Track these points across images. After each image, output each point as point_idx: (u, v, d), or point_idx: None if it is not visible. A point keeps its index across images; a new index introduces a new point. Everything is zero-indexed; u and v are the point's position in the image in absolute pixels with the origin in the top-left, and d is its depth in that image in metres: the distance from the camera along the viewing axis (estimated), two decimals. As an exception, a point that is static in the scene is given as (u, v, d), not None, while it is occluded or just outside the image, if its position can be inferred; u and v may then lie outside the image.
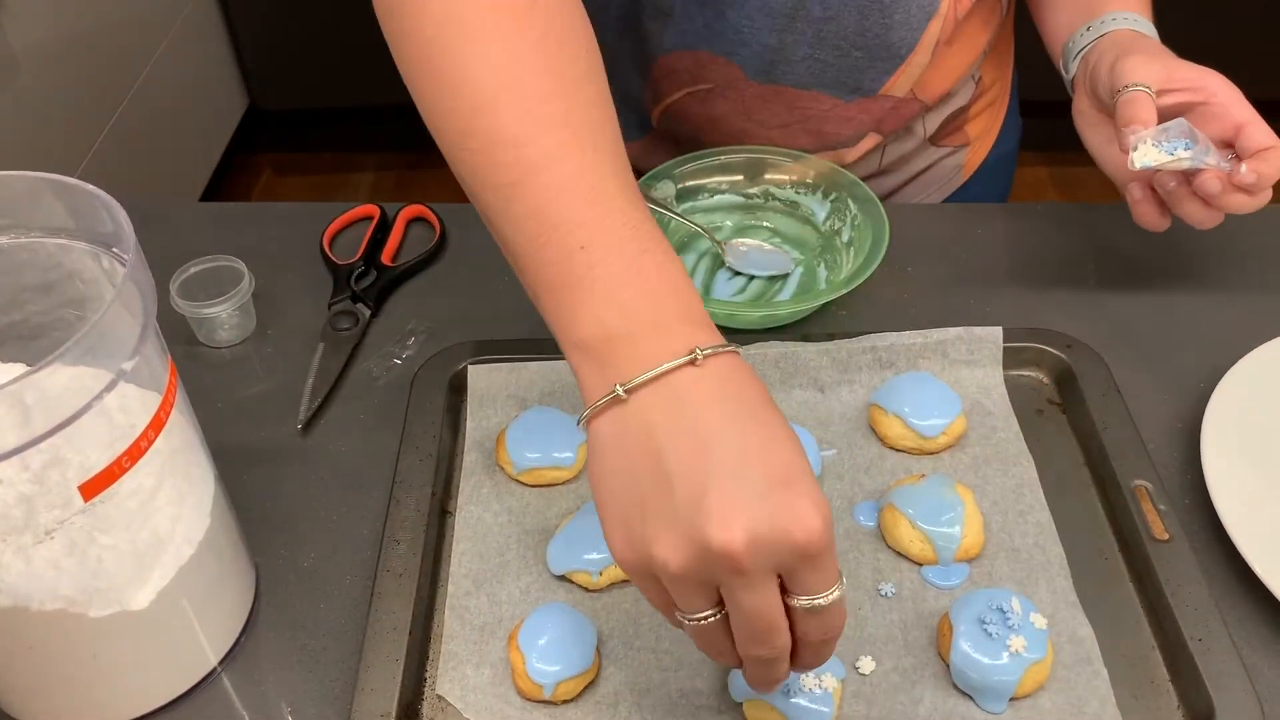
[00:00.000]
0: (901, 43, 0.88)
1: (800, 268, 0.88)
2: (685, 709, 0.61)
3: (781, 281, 0.87)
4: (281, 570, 0.69)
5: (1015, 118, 1.07)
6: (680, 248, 0.89)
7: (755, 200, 0.91)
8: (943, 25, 0.88)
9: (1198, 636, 0.62)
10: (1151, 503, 0.68)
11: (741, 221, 0.91)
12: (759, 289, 0.87)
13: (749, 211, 0.91)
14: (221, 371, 0.82)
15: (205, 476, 0.61)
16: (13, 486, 0.50)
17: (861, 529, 0.70)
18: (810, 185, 0.90)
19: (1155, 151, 0.73)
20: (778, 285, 0.87)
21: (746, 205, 0.91)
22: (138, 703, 0.62)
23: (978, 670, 0.60)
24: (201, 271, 0.83)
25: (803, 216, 0.91)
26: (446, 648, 0.64)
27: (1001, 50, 1.00)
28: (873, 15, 0.86)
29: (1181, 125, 0.74)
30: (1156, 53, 0.78)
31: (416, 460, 0.72)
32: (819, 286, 0.86)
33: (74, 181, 0.55)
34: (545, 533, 0.70)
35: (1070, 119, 0.86)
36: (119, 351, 0.50)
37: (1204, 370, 0.79)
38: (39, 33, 1.81)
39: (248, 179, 2.60)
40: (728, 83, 0.91)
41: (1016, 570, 0.67)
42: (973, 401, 0.77)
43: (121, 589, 0.56)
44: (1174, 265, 0.89)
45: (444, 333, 0.84)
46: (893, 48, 0.88)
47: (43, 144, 1.84)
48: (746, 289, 0.87)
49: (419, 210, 0.95)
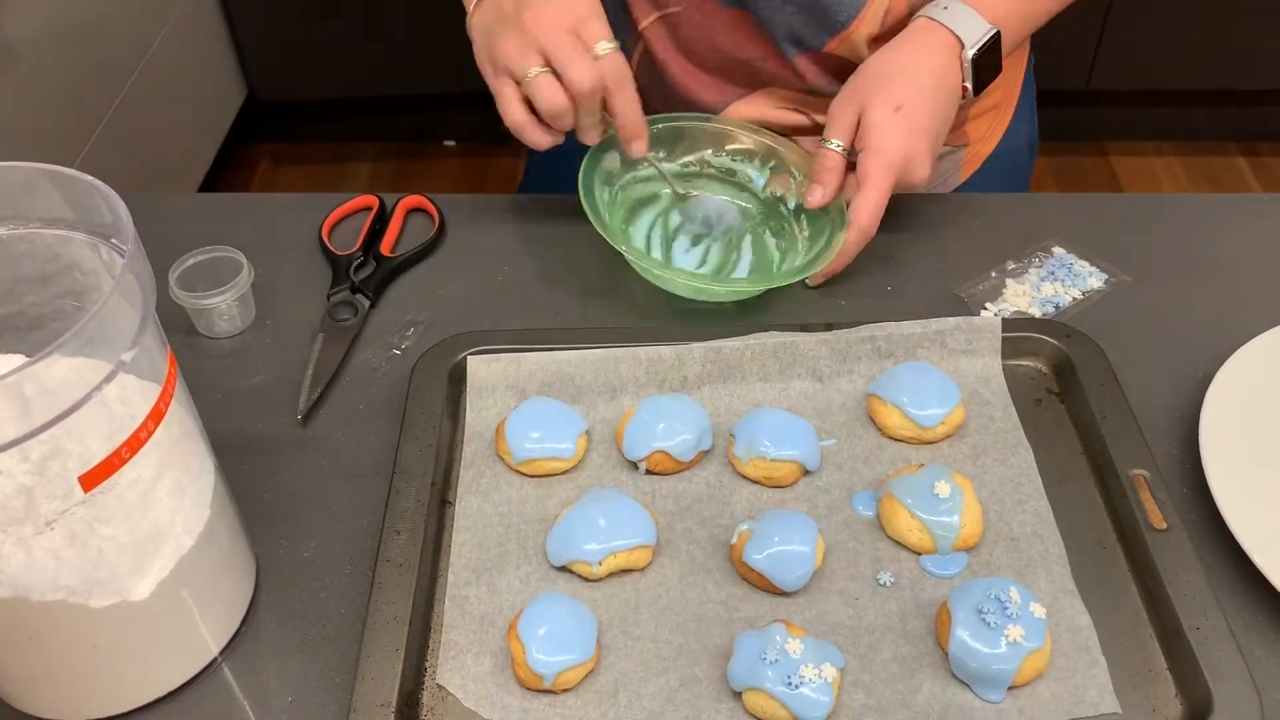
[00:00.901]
0: (839, 8, 0.87)
1: (749, 235, 0.89)
2: (685, 698, 0.61)
3: (737, 253, 0.88)
4: (282, 560, 0.69)
5: (1028, 118, 1.06)
6: (633, 211, 0.90)
7: (690, 168, 0.92)
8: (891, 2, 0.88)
9: (1196, 625, 0.62)
10: (1150, 492, 0.68)
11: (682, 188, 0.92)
12: (717, 260, 0.88)
13: (686, 179, 0.92)
14: (221, 362, 0.82)
15: (205, 467, 0.61)
16: (12, 477, 0.51)
17: (860, 518, 0.70)
18: (747, 152, 0.91)
19: None
20: (734, 256, 0.88)
21: (681, 173, 0.92)
22: (139, 693, 0.62)
23: (976, 659, 0.60)
24: (200, 262, 0.83)
25: (739, 184, 0.92)
26: (447, 637, 0.64)
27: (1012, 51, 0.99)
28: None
29: None
30: (876, 69, 0.83)
31: (416, 451, 0.72)
32: (771, 255, 0.88)
33: (72, 172, 0.55)
34: (545, 522, 0.70)
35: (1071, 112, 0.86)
36: (118, 342, 0.50)
37: (1202, 360, 0.79)
38: (37, 23, 1.81)
39: (246, 170, 2.59)
40: (696, 3, 0.91)
41: (1015, 559, 0.68)
42: (971, 391, 0.77)
43: (122, 579, 0.56)
44: (1172, 255, 0.89)
45: (443, 323, 0.84)
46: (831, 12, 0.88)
47: (41, 135, 1.84)
48: (706, 260, 0.87)
49: (418, 201, 0.95)
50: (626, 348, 0.77)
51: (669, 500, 0.71)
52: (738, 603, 0.66)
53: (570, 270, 0.86)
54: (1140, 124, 2.55)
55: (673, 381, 0.77)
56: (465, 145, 2.62)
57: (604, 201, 0.85)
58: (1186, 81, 2.44)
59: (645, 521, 0.67)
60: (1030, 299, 0.85)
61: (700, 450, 0.73)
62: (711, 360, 0.77)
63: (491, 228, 0.93)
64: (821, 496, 0.71)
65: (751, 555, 0.65)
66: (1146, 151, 2.56)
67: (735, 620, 0.65)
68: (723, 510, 0.71)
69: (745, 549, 0.66)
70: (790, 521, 0.66)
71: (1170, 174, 2.51)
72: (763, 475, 0.71)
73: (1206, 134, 2.56)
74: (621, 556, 0.66)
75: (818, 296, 0.85)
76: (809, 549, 0.65)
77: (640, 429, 0.72)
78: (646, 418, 0.72)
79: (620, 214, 0.88)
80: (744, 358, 0.77)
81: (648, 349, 0.77)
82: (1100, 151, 2.56)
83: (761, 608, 0.65)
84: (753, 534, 0.66)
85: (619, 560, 0.66)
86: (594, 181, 0.85)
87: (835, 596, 0.66)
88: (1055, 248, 0.89)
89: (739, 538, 0.67)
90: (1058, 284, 0.86)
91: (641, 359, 0.76)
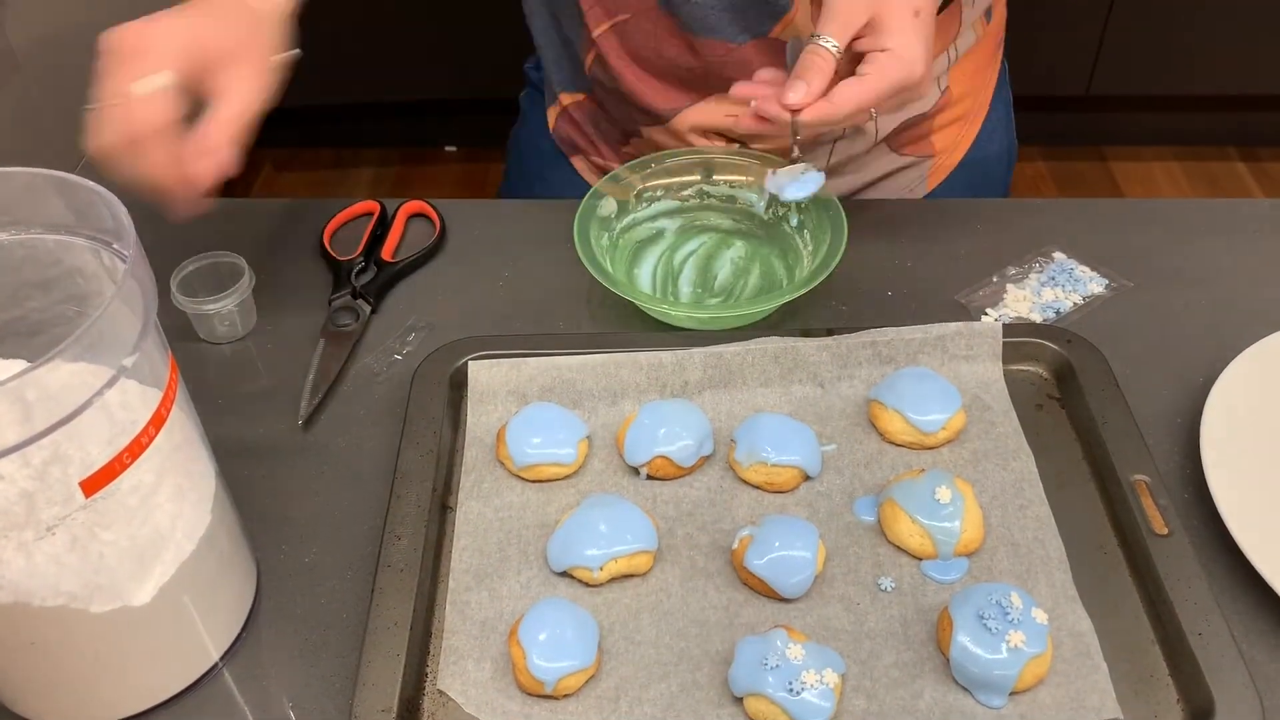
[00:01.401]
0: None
1: (758, 262, 0.89)
2: (686, 703, 0.61)
3: (745, 277, 0.88)
4: (282, 566, 0.69)
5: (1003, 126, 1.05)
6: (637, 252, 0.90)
7: (690, 202, 0.92)
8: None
9: (1197, 630, 0.62)
10: (1151, 497, 0.68)
11: (685, 223, 0.92)
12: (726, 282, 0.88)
13: (687, 214, 0.92)
14: (222, 367, 0.82)
15: (206, 472, 0.61)
16: (14, 483, 0.51)
17: (861, 524, 0.70)
18: (741, 172, 0.91)
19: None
20: (741, 282, 0.88)
21: (683, 208, 0.92)
22: (140, 698, 0.62)
23: (977, 665, 0.60)
24: (202, 268, 0.83)
25: (741, 210, 0.92)
26: (447, 643, 0.64)
27: (980, 62, 0.98)
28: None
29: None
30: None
31: (417, 456, 0.72)
32: (778, 275, 0.88)
33: (74, 178, 0.55)
34: (545, 528, 0.70)
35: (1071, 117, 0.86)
36: (120, 348, 0.51)
37: (1203, 365, 0.79)
38: (39, 29, 1.81)
39: (248, 175, 2.60)
40: (641, 9, 0.90)
41: (1016, 565, 0.67)
42: (972, 396, 0.77)
43: (123, 585, 0.56)
44: (1172, 260, 0.89)
45: (444, 328, 0.84)
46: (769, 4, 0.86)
47: (43, 140, 1.84)
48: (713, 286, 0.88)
49: (419, 206, 0.95)
50: (627, 353, 0.77)
51: (670, 505, 0.71)
52: (739, 608, 0.66)
53: (571, 275, 0.86)
54: (1140, 129, 2.55)
55: (674, 386, 0.77)
56: (466, 150, 2.63)
57: (604, 247, 0.85)
58: (1186, 86, 2.44)
59: (646, 527, 0.67)
60: (1031, 304, 0.85)
61: (701, 455, 0.73)
62: (712, 365, 0.77)
63: (492, 233, 0.93)
64: (822, 502, 0.71)
65: (752, 560, 0.65)
66: (1146, 156, 2.57)
67: (736, 626, 0.65)
68: (724, 515, 0.71)
69: (746, 554, 0.66)
70: (791, 527, 0.66)
71: (1170, 179, 2.52)
72: (764, 480, 0.71)
73: (1206, 139, 2.57)
74: (622, 562, 0.66)
75: (818, 302, 0.85)
76: (810, 554, 0.65)
77: (641, 434, 0.72)
78: (647, 423, 0.72)
79: (625, 258, 0.88)
80: (745, 363, 0.77)
81: (648, 354, 0.77)
82: (1100, 156, 2.56)
83: (763, 613, 0.65)
84: (754, 539, 0.66)
85: (620, 565, 0.66)
86: (590, 229, 0.84)
87: (836, 602, 0.66)
88: (1056, 253, 0.89)
89: (740, 543, 0.67)
90: (1058, 289, 0.86)
91: (642, 364, 0.77)
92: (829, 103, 0.72)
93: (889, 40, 0.72)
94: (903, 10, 0.73)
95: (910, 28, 0.72)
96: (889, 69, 0.72)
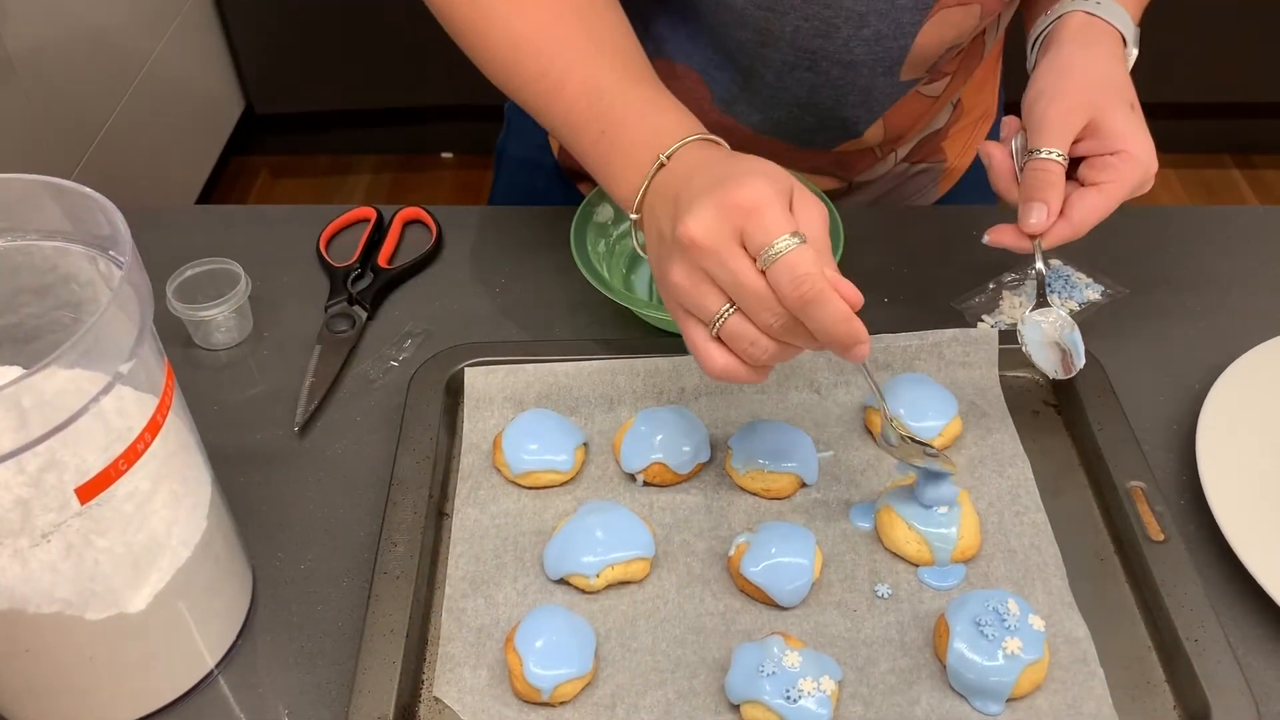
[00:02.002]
0: (857, 120, 0.87)
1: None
2: (683, 710, 0.61)
3: None
4: (278, 573, 0.69)
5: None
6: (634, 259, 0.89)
7: None
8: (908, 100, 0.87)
9: (1193, 637, 0.62)
10: (1147, 503, 0.68)
11: None
12: None
13: None
14: (218, 374, 0.82)
15: (202, 479, 0.61)
16: (9, 489, 0.50)
17: (858, 530, 0.70)
18: None
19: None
20: None
21: None
22: (135, 705, 0.62)
23: (974, 671, 0.60)
24: (198, 274, 0.83)
25: None
26: (444, 650, 0.64)
27: (987, 71, 0.98)
28: (823, 93, 0.84)
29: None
30: (1094, 72, 0.73)
31: (413, 462, 0.72)
32: None
33: (70, 184, 0.55)
34: (542, 535, 0.70)
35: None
36: (115, 354, 0.50)
37: (1199, 371, 0.79)
38: (36, 36, 1.81)
39: (244, 181, 2.60)
40: (692, 103, 0.87)
41: (1013, 571, 0.67)
42: (969, 403, 0.77)
43: (118, 592, 0.56)
44: (1169, 267, 0.89)
45: (441, 335, 0.84)
46: (846, 122, 0.88)
47: (39, 146, 1.84)
48: None
49: (415, 213, 0.95)
50: (624, 359, 0.77)
51: (666, 512, 0.71)
52: (735, 615, 0.66)
53: (568, 281, 0.86)
54: (1136, 136, 2.56)
55: (670, 393, 0.77)
56: (462, 157, 2.63)
57: (600, 254, 0.84)
58: (1182, 94, 2.45)
59: (643, 534, 0.67)
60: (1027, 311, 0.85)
61: (698, 462, 0.73)
62: (709, 372, 0.77)
63: (489, 239, 0.93)
64: (819, 508, 0.71)
65: (749, 567, 0.65)
66: (1142, 164, 2.57)
67: (733, 632, 0.65)
68: (720, 522, 0.71)
69: (743, 561, 0.65)
70: (788, 533, 0.66)
71: (1166, 186, 2.52)
72: (760, 487, 0.71)
73: (1202, 147, 2.57)
74: (619, 569, 0.66)
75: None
76: (806, 561, 0.65)
77: (638, 441, 0.72)
78: (644, 429, 0.72)
79: (621, 264, 0.88)
80: (741, 369, 0.77)
81: (645, 361, 0.77)
82: (1096, 164, 2.56)
83: (759, 620, 0.65)
84: (750, 546, 0.66)
85: (616, 572, 0.66)
86: (586, 235, 0.83)
87: (833, 608, 0.66)
88: (1052, 260, 0.89)
89: (736, 550, 0.67)
90: (1055, 296, 0.86)
91: (639, 370, 0.77)
92: (1069, 224, 0.71)
93: (1117, 142, 0.71)
94: (1120, 107, 0.71)
95: (1134, 124, 0.71)
96: (1125, 174, 0.71)
